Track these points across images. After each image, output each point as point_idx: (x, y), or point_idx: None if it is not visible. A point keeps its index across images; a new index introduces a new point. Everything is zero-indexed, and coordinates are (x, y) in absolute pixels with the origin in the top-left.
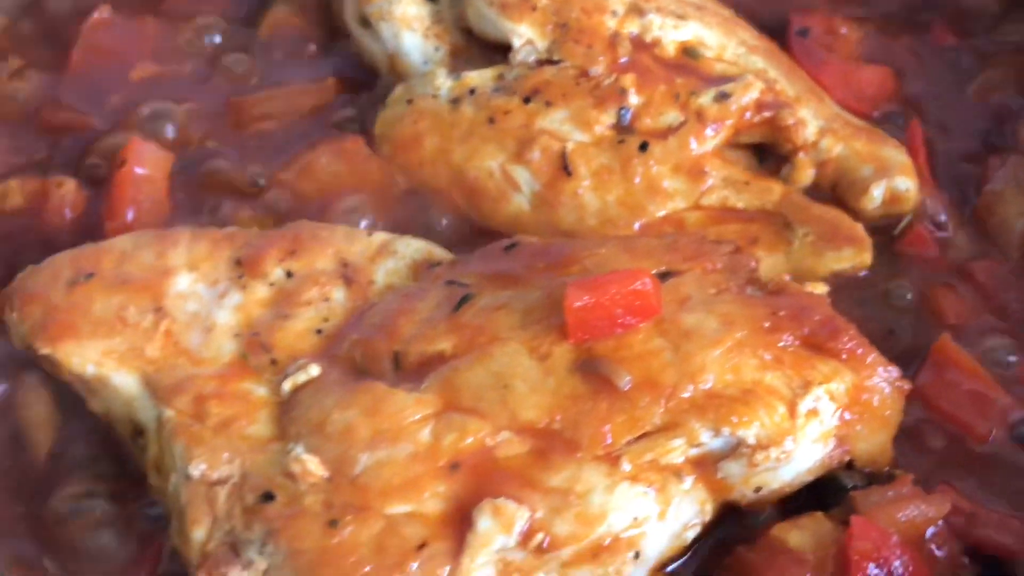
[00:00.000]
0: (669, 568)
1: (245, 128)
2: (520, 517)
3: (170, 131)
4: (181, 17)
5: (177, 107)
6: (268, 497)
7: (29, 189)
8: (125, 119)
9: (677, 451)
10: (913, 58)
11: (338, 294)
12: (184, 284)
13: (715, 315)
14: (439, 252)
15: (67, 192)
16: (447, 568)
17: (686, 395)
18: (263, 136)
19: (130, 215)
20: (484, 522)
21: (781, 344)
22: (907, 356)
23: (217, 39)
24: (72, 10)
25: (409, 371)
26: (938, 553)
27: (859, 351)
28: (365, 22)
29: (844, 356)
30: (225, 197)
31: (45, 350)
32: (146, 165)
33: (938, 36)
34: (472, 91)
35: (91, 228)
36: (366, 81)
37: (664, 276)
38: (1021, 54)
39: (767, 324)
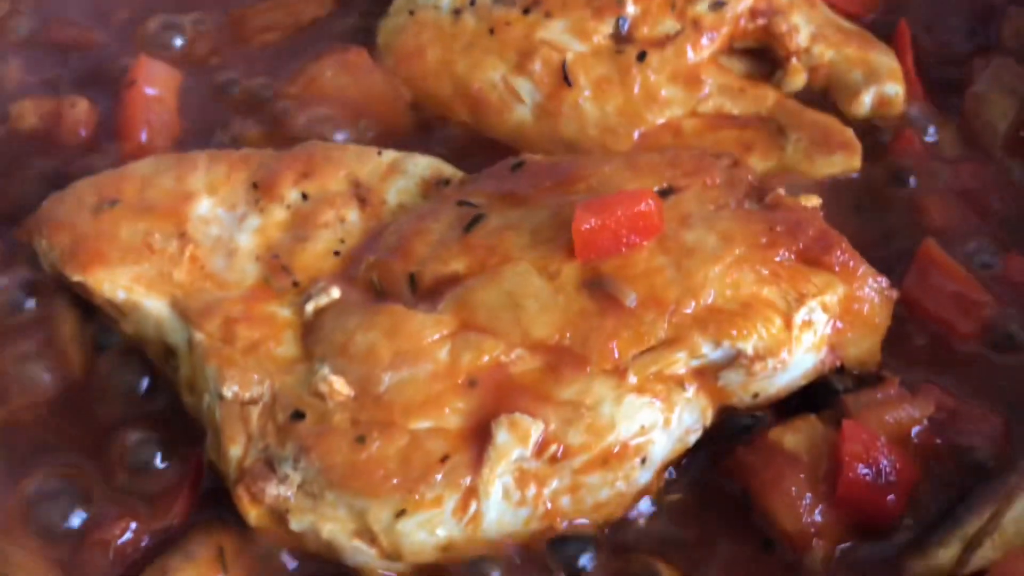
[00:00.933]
0: (672, 469)
1: (248, 41)
2: (535, 430)
3: (178, 46)
4: None
5: (184, 19)
6: (298, 415)
7: (43, 109)
8: (132, 34)
9: (680, 363)
10: None
11: (352, 215)
12: (205, 208)
13: (715, 232)
14: (447, 169)
15: (80, 112)
16: (468, 478)
17: (688, 310)
18: (266, 48)
19: (144, 135)
20: (502, 435)
21: (777, 259)
22: (898, 257)
23: None
24: None
25: (425, 292)
26: (923, 448)
27: (851, 263)
28: None
29: (837, 268)
30: (234, 113)
31: (76, 277)
32: (156, 84)
33: None
34: (472, 2)
35: (105, 146)
36: None
37: (665, 193)
38: None
39: (764, 240)
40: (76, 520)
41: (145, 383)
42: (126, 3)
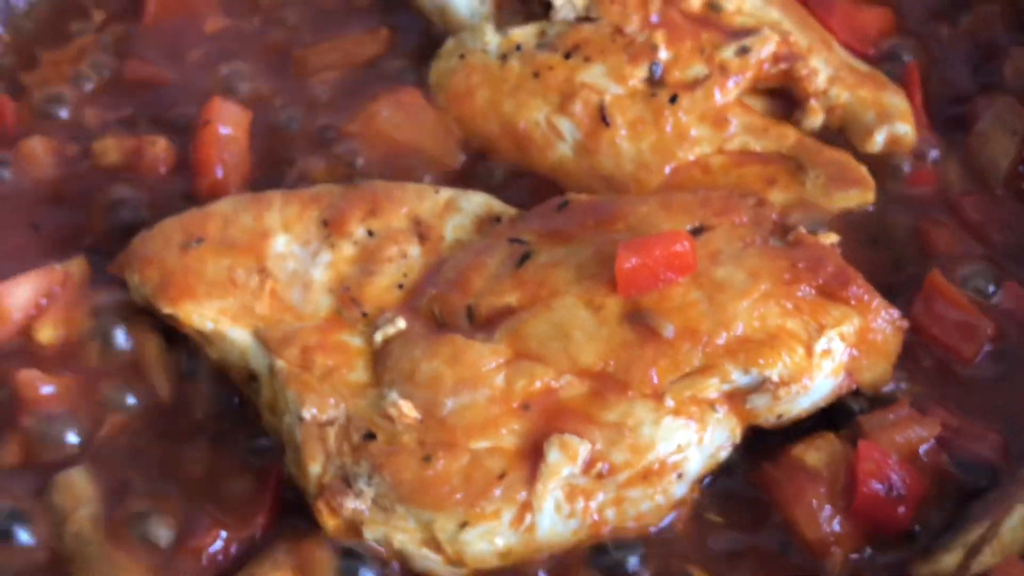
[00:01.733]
0: (705, 481)
1: (308, 80)
2: (583, 449)
3: (245, 88)
4: None
5: (247, 65)
6: (370, 436)
7: (125, 147)
8: (203, 75)
9: (712, 388)
10: None
11: (414, 250)
12: (281, 245)
13: (743, 268)
14: (497, 205)
15: (160, 150)
16: (523, 493)
17: (720, 341)
18: (325, 87)
19: (219, 171)
20: (553, 455)
21: (799, 294)
22: (907, 283)
23: None
24: None
25: (481, 323)
26: (930, 465)
27: (865, 297)
28: None
29: (853, 302)
30: (299, 150)
31: (167, 310)
32: (229, 123)
33: None
34: (518, 47)
35: (183, 181)
36: (416, 29)
37: (697, 231)
38: None
39: (787, 276)
40: (171, 531)
41: (227, 404)
42: (196, 44)
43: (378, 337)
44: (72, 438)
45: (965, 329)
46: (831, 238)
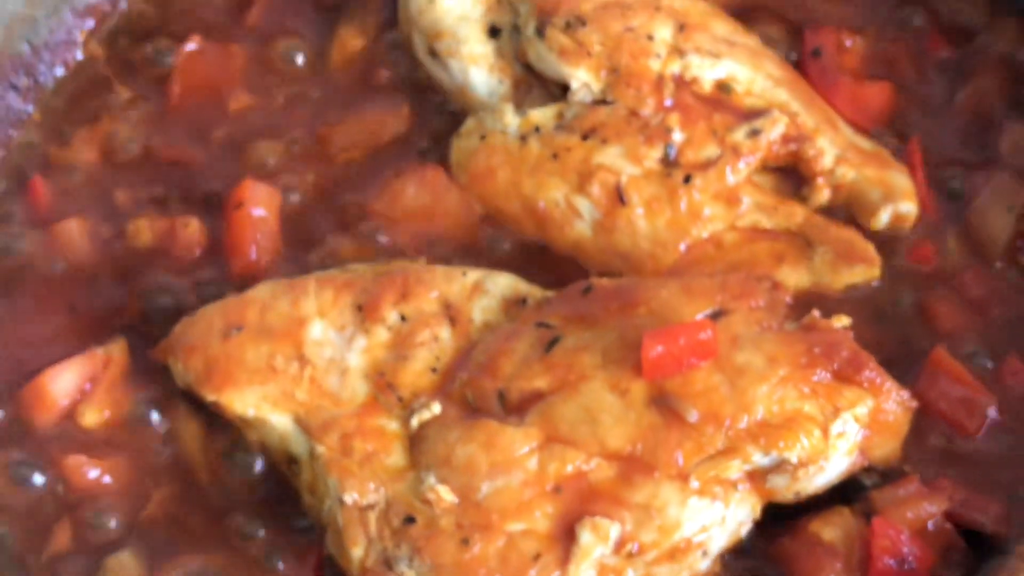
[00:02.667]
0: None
1: (333, 159)
2: (613, 530)
3: (271, 166)
4: (264, 40)
5: (276, 142)
6: (410, 520)
7: (158, 228)
8: (229, 153)
9: (735, 469)
10: (911, 69)
11: (445, 333)
12: (318, 331)
13: (761, 353)
14: (523, 286)
15: (193, 231)
16: (557, 573)
17: (742, 424)
18: (350, 165)
19: (253, 254)
20: (585, 536)
21: (816, 378)
22: (913, 357)
23: (300, 60)
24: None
25: (513, 407)
26: (937, 536)
27: (878, 380)
28: (434, 54)
29: (866, 385)
30: (326, 229)
31: (211, 398)
32: (261, 205)
33: (932, 45)
34: (537, 129)
35: (216, 262)
36: (437, 107)
37: (716, 315)
38: (1004, 63)
39: (804, 360)
40: None
41: (268, 486)
42: (221, 123)
43: (414, 422)
44: (118, 520)
45: (968, 404)
46: (843, 321)
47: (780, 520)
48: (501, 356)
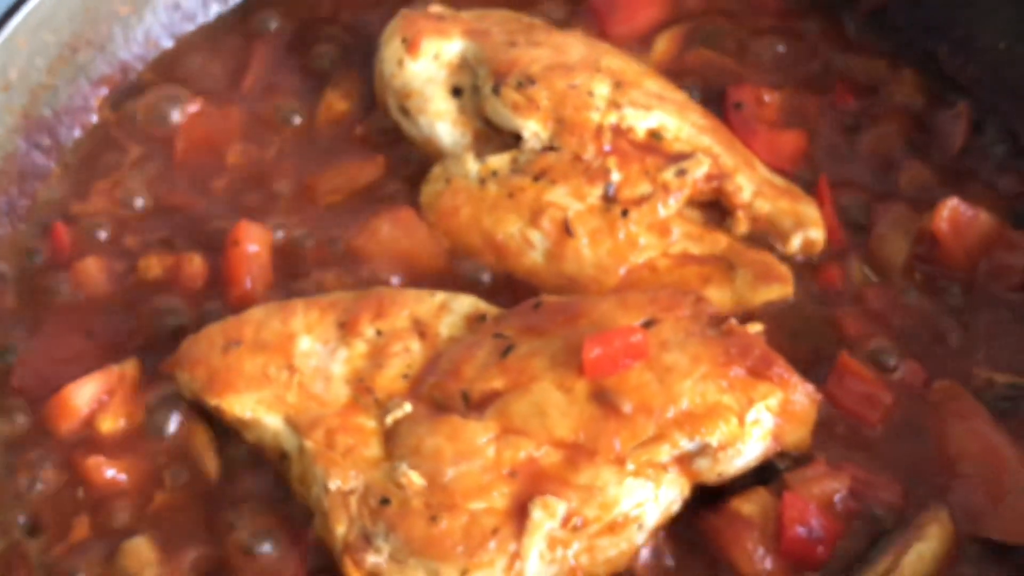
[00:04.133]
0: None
1: (317, 203)
2: (561, 508)
3: (264, 210)
4: (257, 102)
5: (265, 190)
6: (386, 502)
7: (166, 263)
8: (228, 199)
9: (664, 453)
10: (821, 118)
11: (415, 346)
12: (305, 345)
13: (686, 354)
14: (483, 305)
15: (196, 265)
16: (513, 545)
17: (669, 415)
18: (332, 208)
19: (248, 284)
20: (537, 513)
21: (732, 374)
22: (822, 361)
23: (289, 119)
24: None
25: (474, 404)
26: (844, 511)
27: (785, 375)
28: (405, 112)
29: (776, 380)
30: (312, 263)
31: (213, 402)
32: (254, 242)
33: (840, 98)
34: (494, 173)
35: (217, 292)
36: (408, 157)
37: (648, 324)
38: (902, 112)
39: (722, 359)
40: None
41: (263, 479)
42: (220, 174)
43: (388, 419)
44: (131, 512)
45: (870, 400)
46: (756, 327)
47: (708, 501)
48: (464, 362)
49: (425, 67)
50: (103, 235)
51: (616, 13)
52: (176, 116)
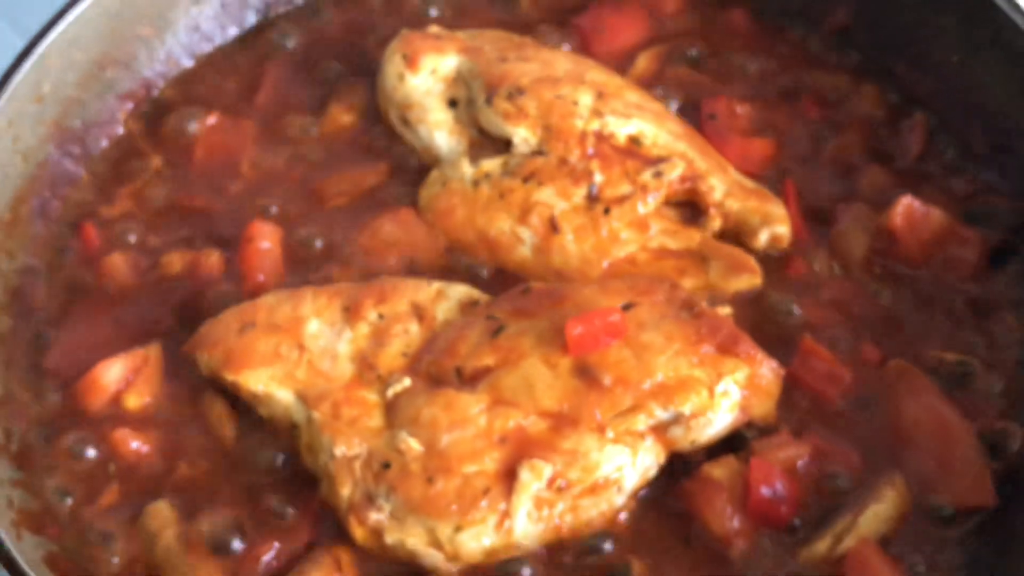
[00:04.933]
0: (640, 494)
1: (324, 205)
2: (547, 470)
3: (276, 212)
4: (269, 115)
5: (277, 194)
6: (387, 466)
7: (186, 259)
8: (243, 202)
9: (641, 422)
10: (789, 127)
11: (414, 328)
12: (314, 327)
13: (661, 333)
14: (476, 293)
15: (213, 261)
16: (503, 504)
17: (646, 387)
18: (338, 210)
19: (260, 277)
20: (525, 475)
21: (703, 351)
22: (787, 344)
23: (299, 130)
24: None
25: (467, 379)
26: (806, 476)
27: (751, 352)
28: (405, 122)
29: (742, 356)
30: (320, 259)
31: (230, 378)
32: (267, 240)
33: (806, 109)
34: (487, 175)
35: (233, 284)
36: (409, 162)
37: (627, 307)
38: (864, 122)
39: (694, 338)
40: (238, 544)
41: (273, 453)
42: (236, 179)
43: (389, 393)
44: (156, 480)
45: (831, 378)
46: (725, 310)
47: (683, 471)
48: (458, 341)
49: (424, 81)
50: (128, 234)
51: (601, 34)
52: (195, 128)
